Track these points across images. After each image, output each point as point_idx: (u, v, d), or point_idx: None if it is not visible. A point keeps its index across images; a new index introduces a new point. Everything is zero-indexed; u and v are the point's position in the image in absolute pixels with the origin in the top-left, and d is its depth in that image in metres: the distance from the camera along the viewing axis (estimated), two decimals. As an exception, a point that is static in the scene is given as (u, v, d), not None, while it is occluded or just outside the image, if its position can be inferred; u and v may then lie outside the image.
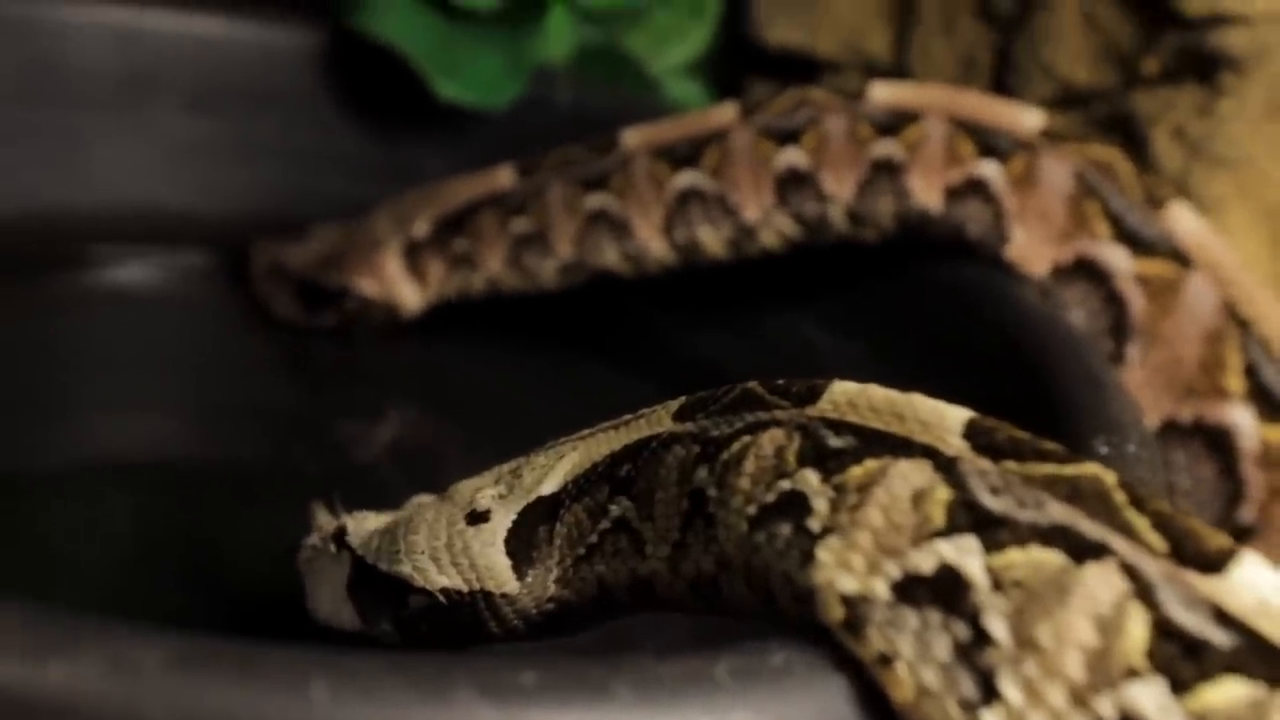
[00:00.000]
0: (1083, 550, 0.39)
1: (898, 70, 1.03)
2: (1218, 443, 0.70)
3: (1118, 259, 0.73)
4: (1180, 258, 0.72)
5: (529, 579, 0.51)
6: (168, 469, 0.83)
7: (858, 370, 0.82)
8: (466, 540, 0.52)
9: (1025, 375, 0.70)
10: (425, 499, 0.57)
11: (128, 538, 0.77)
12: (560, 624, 0.53)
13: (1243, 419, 0.69)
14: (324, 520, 0.59)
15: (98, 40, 0.95)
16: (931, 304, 0.81)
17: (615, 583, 0.50)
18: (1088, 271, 0.75)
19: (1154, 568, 0.38)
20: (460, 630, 0.53)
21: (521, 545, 0.52)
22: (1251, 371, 0.70)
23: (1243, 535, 0.69)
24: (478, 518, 0.53)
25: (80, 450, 0.83)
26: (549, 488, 0.52)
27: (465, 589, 0.52)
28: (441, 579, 0.52)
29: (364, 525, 0.57)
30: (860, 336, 0.85)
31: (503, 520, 0.52)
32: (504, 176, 0.90)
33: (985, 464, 0.41)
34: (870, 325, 0.85)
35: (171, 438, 0.87)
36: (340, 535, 0.57)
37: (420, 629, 0.54)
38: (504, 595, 0.51)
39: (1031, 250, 0.76)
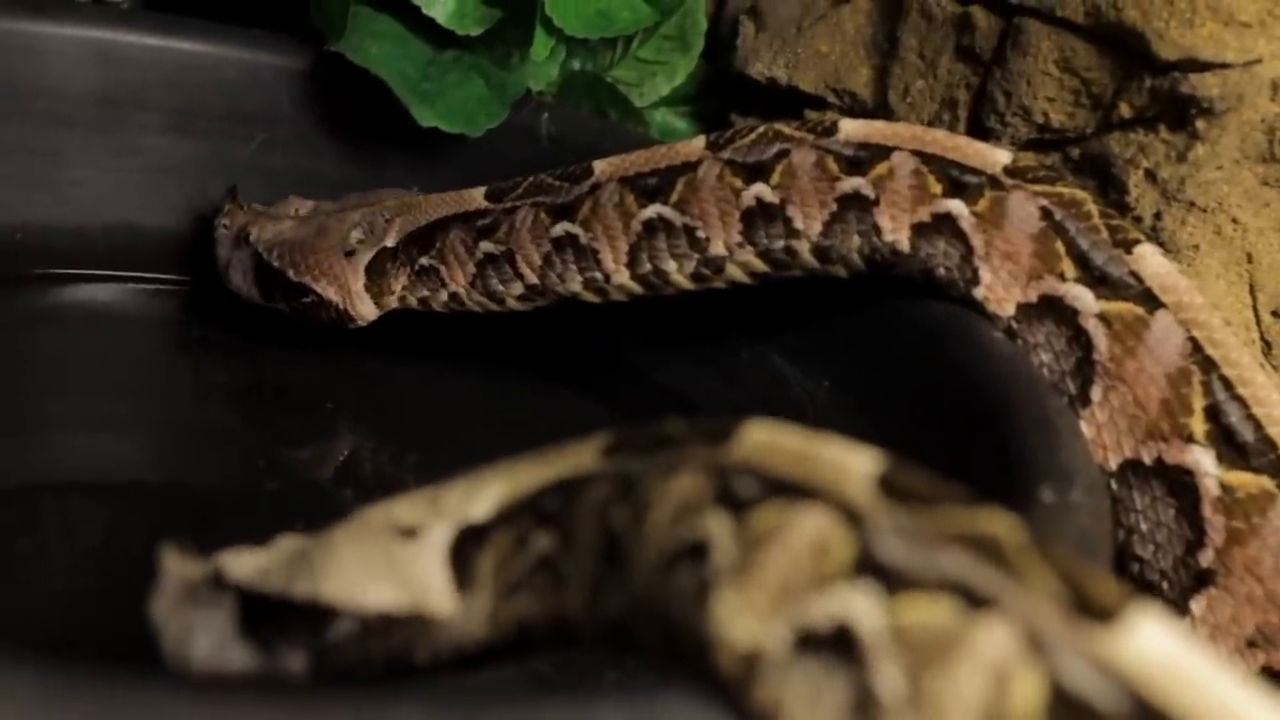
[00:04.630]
0: (977, 603, 0.38)
1: (879, 108, 1.03)
2: (1179, 485, 0.70)
3: (1084, 299, 0.73)
4: (1146, 299, 0.71)
5: (465, 605, 0.50)
6: (129, 489, 0.83)
7: (823, 405, 0.83)
8: (400, 556, 0.50)
9: (981, 416, 0.70)
10: (293, 539, 0.54)
11: (88, 557, 0.77)
12: (484, 659, 0.50)
13: (1204, 461, 0.69)
14: (176, 564, 0.54)
15: (77, 59, 0.95)
16: (897, 341, 0.81)
17: (536, 621, 0.49)
18: (1054, 311, 0.74)
19: (1048, 622, 0.38)
20: (387, 659, 0.50)
21: (459, 568, 0.50)
22: (1214, 414, 0.69)
23: (1202, 579, 0.69)
24: (408, 534, 0.50)
25: (42, 469, 0.83)
26: (478, 514, 0.50)
27: (401, 608, 0.50)
28: (376, 597, 0.50)
29: (245, 562, 0.53)
30: (827, 370, 0.85)
31: (434, 538, 0.50)
32: (477, 197, 0.90)
33: (888, 514, 0.41)
34: (838, 360, 0.85)
35: (133, 458, 0.87)
36: (216, 575, 0.53)
37: (343, 658, 0.51)
38: (439, 619, 0.49)
39: (998, 289, 0.76)
